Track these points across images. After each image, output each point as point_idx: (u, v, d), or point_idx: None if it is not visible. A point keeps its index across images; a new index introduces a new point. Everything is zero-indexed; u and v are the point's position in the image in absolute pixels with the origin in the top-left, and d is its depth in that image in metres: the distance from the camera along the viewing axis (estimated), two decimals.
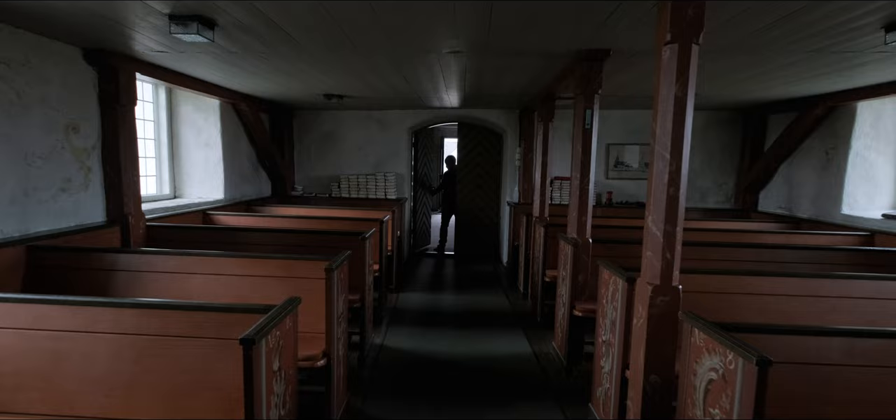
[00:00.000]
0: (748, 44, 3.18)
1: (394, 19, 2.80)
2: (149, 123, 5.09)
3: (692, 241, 3.76)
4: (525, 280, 5.73)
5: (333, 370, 2.65)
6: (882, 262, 3.80)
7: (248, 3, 2.54)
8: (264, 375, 1.70)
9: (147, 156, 5.04)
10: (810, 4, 2.42)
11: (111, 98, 3.69)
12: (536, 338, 4.38)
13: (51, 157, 3.30)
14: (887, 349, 1.77)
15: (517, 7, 2.54)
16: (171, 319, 1.90)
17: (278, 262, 2.89)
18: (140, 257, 3.14)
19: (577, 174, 3.68)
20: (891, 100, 4.94)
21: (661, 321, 2.18)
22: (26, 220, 3.13)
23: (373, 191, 7.12)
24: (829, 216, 5.40)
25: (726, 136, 6.90)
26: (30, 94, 3.12)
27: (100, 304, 1.93)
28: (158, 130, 5.23)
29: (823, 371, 1.77)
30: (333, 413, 2.74)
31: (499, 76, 4.54)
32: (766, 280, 2.73)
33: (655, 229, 2.20)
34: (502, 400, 3.22)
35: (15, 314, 1.95)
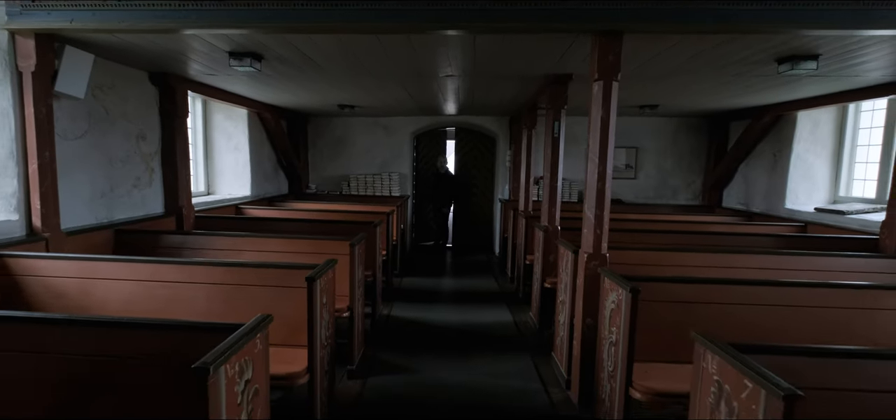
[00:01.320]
0: (683, 68, 4.01)
1: (399, 52, 3.65)
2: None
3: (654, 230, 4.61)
4: (512, 266, 6.57)
5: (355, 321, 3.49)
6: (808, 245, 4.53)
7: (289, 43, 3.39)
8: (318, 306, 2.54)
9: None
10: (710, 47, 3.25)
11: (169, 112, 4.55)
12: (517, 310, 5.22)
13: (127, 160, 4.16)
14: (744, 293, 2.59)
15: (494, 43, 3.37)
16: (247, 274, 2.73)
17: (310, 241, 3.73)
18: (198, 238, 3.98)
19: (547, 174, 4.53)
20: (825, 110, 5.76)
21: (593, 279, 3.01)
22: (111, 210, 3.99)
23: (379, 189, 7.97)
24: (776, 210, 6.22)
25: (694, 140, 7.72)
26: (114, 111, 3.98)
27: (197, 263, 2.78)
28: (195, 136, 6.08)
29: (698, 309, 2.58)
30: (354, 356, 3.58)
31: (487, 92, 5.39)
32: (688, 255, 3.56)
33: (590, 214, 3.03)
34: (486, 352, 4.06)
35: (138, 270, 2.80)
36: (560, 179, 4.52)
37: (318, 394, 2.61)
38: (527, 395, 3.35)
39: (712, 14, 2.70)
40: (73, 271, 2.93)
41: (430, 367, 3.74)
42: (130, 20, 2.89)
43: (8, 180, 3.09)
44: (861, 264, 3.71)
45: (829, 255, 3.77)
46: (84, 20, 2.91)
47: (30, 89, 3.07)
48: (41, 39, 3.05)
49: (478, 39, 3.30)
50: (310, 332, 2.49)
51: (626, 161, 7.84)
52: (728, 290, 2.57)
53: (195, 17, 2.86)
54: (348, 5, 2.77)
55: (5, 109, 3.05)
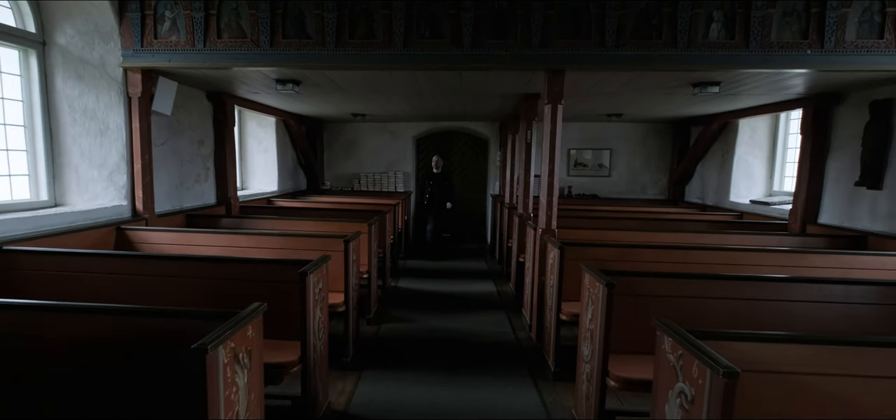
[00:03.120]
0: (622, 90, 5.14)
1: (405, 79, 4.79)
2: None
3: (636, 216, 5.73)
4: (499, 251, 7.70)
5: (372, 283, 4.64)
6: (737, 228, 5.61)
7: (323, 75, 4.54)
8: (351, 262, 3.68)
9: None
10: (635, 77, 4.38)
11: (220, 122, 5.70)
12: (500, 283, 6.37)
13: (191, 160, 5.32)
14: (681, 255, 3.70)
15: (478, 74, 4.51)
16: (300, 241, 3.86)
17: (335, 223, 4.87)
18: (246, 220, 5.12)
19: (522, 171, 5.66)
20: (762, 117, 6.87)
21: (543, 246, 4.14)
22: (181, 199, 5.15)
23: (385, 185, 9.13)
24: (723, 203, 7.33)
25: (661, 143, 8.83)
26: (183, 123, 5.13)
27: (262, 233, 3.93)
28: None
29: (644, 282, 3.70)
30: (371, 309, 4.72)
31: (476, 105, 6.53)
32: (640, 235, 4.65)
33: (544, 200, 4.17)
34: (472, 311, 5.20)
35: (214, 239, 3.95)
36: (533, 176, 5.65)
37: (350, 321, 3.74)
38: (500, 335, 4.50)
39: (624, 58, 3.84)
40: (167, 239, 4.10)
41: (427, 320, 4.88)
42: (212, 60, 4.05)
43: (120, 176, 4.25)
44: (772, 241, 4.80)
45: (748, 234, 4.87)
46: (178, 61, 4.07)
47: (136, 109, 4.22)
48: (145, 74, 4.20)
49: (465, 73, 4.44)
50: (346, 279, 3.64)
51: (600, 161, 8.96)
52: (638, 252, 3.71)
53: (259, 59, 4.02)
54: (370, 51, 3.93)
55: (119, 125, 4.21)
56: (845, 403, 1.60)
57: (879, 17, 3.71)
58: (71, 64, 4.04)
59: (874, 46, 3.73)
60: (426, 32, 3.93)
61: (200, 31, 3.99)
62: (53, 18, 3.97)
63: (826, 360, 1.61)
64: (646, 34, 3.84)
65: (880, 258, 3.80)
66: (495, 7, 3.87)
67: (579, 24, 3.87)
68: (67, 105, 4.08)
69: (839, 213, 5.08)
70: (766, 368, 1.58)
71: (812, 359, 1.61)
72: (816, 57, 3.79)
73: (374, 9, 3.90)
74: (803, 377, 1.59)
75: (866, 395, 1.61)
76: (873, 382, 1.61)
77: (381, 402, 3.20)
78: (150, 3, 4.01)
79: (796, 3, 3.75)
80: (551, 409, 3.13)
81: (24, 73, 3.92)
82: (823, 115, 5.19)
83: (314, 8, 3.91)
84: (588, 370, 2.73)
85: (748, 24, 3.78)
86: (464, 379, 3.55)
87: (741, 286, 2.71)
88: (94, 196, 4.20)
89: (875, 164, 4.62)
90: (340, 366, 3.65)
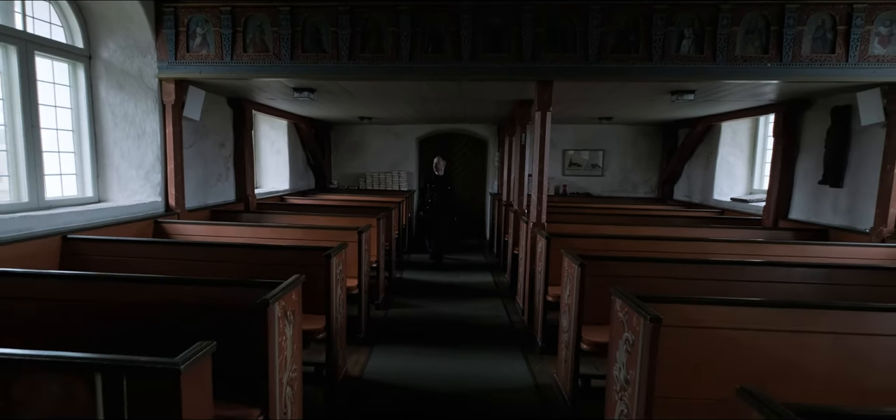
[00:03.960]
0: (609, 97, 5.62)
1: (410, 88, 5.28)
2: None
3: (624, 213, 6.22)
4: (497, 246, 8.19)
5: (380, 272, 5.13)
6: (717, 223, 6.10)
7: (337, 84, 5.03)
8: (364, 250, 4.17)
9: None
10: (618, 85, 4.86)
11: (240, 125, 6.20)
12: (497, 275, 6.86)
13: (214, 161, 5.82)
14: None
15: (475, 84, 5.00)
16: (311, 233, 4.36)
17: (346, 218, 5.37)
18: (265, 215, 5.62)
19: (517, 171, 6.15)
20: (743, 121, 7.34)
21: (535, 239, 4.63)
22: (206, 197, 5.65)
23: (389, 184, 9.62)
24: (708, 201, 7.81)
25: (650, 144, 9.31)
26: (208, 127, 5.63)
27: (281, 226, 4.42)
28: None
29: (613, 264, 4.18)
30: (380, 295, 5.22)
31: (475, 109, 7.02)
32: (624, 229, 5.14)
33: (535, 197, 4.66)
34: (471, 298, 5.68)
35: (244, 231, 4.45)
36: (527, 175, 6.13)
37: (363, 303, 4.24)
38: (495, 318, 4.99)
39: (606, 70, 4.33)
40: (198, 231, 4.59)
41: (430, 306, 5.37)
42: (238, 72, 4.54)
43: (156, 175, 4.75)
44: (744, 234, 5.27)
45: (724, 228, 5.36)
46: (208, 72, 4.56)
47: (170, 116, 4.72)
48: (178, 83, 4.70)
49: (464, 82, 4.93)
50: (359, 266, 4.13)
51: (594, 161, 9.44)
52: (617, 242, 4.19)
53: (279, 70, 4.52)
54: (380, 64, 4.42)
55: (154, 129, 4.70)
56: (752, 350, 2.08)
57: (831, 34, 4.19)
58: (113, 75, 4.55)
59: (826, 60, 4.21)
60: (430, 47, 4.42)
61: (228, 46, 4.49)
62: (98, 35, 4.48)
63: (738, 317, 2.10)
64: (624, 49, 4.33)
65: (831, 248, 4.28)
66: (491, 25, 4.36)
67: (566, 40, 4.36)
68: (110, 112, 4.58)
69: (806, 209, 5.57)
70: (688, 324, 2.07)
71: (726, 317, 2.10)
72: (776, 69, 4.27)
73: (384, 26, 4.39)
74: (719, 331, 2.08)
75: (771, 344, 2.10)
76: (777, 335, 2.10)
77: (391, 371, 3.69)
78: (183, 21, 4.51)
79: (758, 22, 4.23)
80: (537, 375, 3.62)
81: (73, 83, 4.42)
82: (793, 120, 5.67)
83: (330, 25, 4.41)
84: (566, 338, 3.22)
85: (715, 40, 4.26)
86: (463, 353, 4.05)
87: (696, 268, 3.20)
88: (133, 193, 4.70)
89: (836, 165, 5.10)
90: (355, 341, 4.14)
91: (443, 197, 7.41)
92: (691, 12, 4.25)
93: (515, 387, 3.47)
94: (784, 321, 2.05)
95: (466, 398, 3.28)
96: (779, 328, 2.08)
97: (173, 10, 4.47)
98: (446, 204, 7.42)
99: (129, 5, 4.30)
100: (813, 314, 2.07)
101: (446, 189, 7.46)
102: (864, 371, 2.06)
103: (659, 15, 4.24)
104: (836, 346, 2.07)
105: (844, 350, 2.07)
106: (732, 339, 2.06)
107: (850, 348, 2.07)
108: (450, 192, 7.51)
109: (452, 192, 7.60)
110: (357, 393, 3.33)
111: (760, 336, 2.06)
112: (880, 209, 4.42)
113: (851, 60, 4.19)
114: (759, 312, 2.08)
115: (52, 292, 2.37)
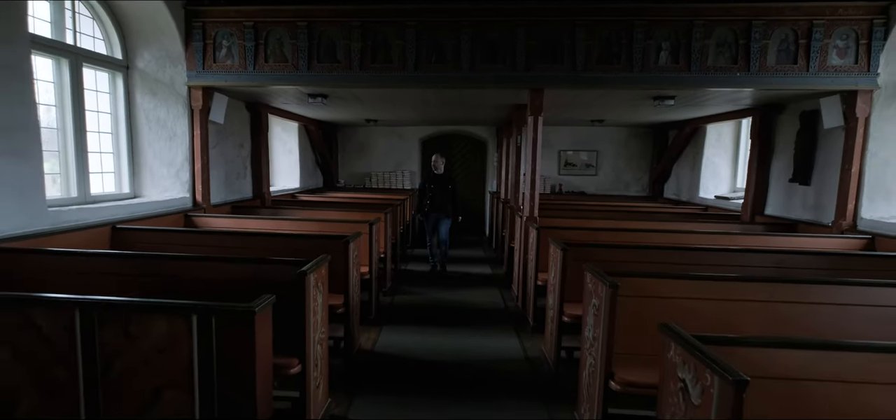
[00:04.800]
0: (598, 102, 6.11)
1: (414, 94, 5.77)
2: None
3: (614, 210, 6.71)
4: (495, 241, 8.68)
5: (387, 260, 5.62)
6: (699, 218, 6.57)
7: (348, 91, 5.52)
8: (375, 241, 4.65)
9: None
10: (606, 92, 5.34)
11: (257, 128, 6.70)
12: (496, 267, 7.36)
13: (234, 161, 6.32)
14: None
15: (473, 91, 5.49)
16: (326, 225, 4.85)
17: (355, 212, 5.85)
18: (281, 209, 6.11)
19: (513, 169, 6.64)
20: (727, 123, 7.81)
21: (527, 230, 5.11)
22: (227, 194, 6.15)
23: (394, 183, 10.12)
24: (694, 199, 8.28)
25: (642, 145, 9.79)
26: (228, 129, 6.13)
27: (297, 220, 4.91)
28: None
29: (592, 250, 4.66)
30: (387, 284, 5.71)
31: (474, 113, 7.52)
32: (609, 221, 5.62)
33: (527, 193, 5.14)
34: (472, 288, 6.17)
35: (265, 224, 4.94)
36: (521, 173, 6.61)
37: (373, 289, 4.73)
38: (492, 303, 5.48)
39: (591, 80, 4.81)
40: (225, 224, 5.08)
41: (433, 293, 5.87)
42: (259, 80, 5.04)
43: (185, 174, 5.24)
44: (725, 227, 5.75)
45: (705, 222, 5.84)
46: (233, 80, 5.06)
47: (197, 120, 5.22)
48: (205, 91, 5.19)
49: (464, 90, 5.42)
50: (370, 255, 4.62)
51: (588, 161, 9.92)
52: (601, 234, 4.67)
53: (297, 79, 5.01)
54: (388, 73, 4.91)
55: (183, 132, 5.20)
56: (691, 314, 2.56)
57: (794, 47, 4.67)
58: (147, 83, 5.04)
59: (790, 70, 4.69)
60: (433, 58, 4.91)
61: (251, 57, 4.98)
62: (135, 47, 4.98)
63: (681, 288, 2.58)
64: (608, 60, 4.81)
65: (793, 238, 4.75)
66: (488, 38, 4.85)
67: (555, 52, 4.84)
68: (144, 116, 5.08)
69: (780, 205, 6.04)
70: (642, 294, 2.56)
71: (673, 288, 2.58)
72: (744, 78, 4.75)
73: (391, 40, 4.88)
74: (667, 299, 2.56)
75: (707, 309, 2.58)
76: (712, 302, 2.58)
77: (399, 346, 4.18)
78: (211, 34, 5.00)
79: (727, 36, 4.71)
80: (527, 349, 4.11)
81: (112, 91, 4.93)
82: (768, 123, 6.15)
83: (343, 39, 4.90)
84: (551, 314, 3.70)
85: (690, 52, 4.74)
86: (463, 332, 4.53)
87: (665, 254, 3.68)
88: (165, 189, 5.20)
89: (804, 164, 5.57)
90: (366, 321, 4.63)
91: (443, 198, 6.73)
92: (668, 27, 4.73)
93: (509, 358, 3.96)
94: (717, 291, 2.54)
95: (467, 366, 3.77)
96: (713, 297, 2.57)
97: (202, 24, 4.97)
98: (447, 206, 6.76)
99: (162, 20, 4.80)
100: (742, 286, 2.57)
101: (447, 188, 6.76)
102: (786, 331, 2.54)
103: (639, 30, 4.72)
104: (764, 312, 2.56)
105: (770, 315, 2.55)
106: (677, 305, 2.54)
107: (775, 313, 2.55)
108: (451, 192, 6.79)
109: (454, 191, 6.83)
110: (371, 362, 3.82)
111: (699, 303, 2.55)
112: (840, 204, 4.89)
113: (812, 70, 4.67)
114: (696, 284, 2.58)
115: (119, 268, 2.87)
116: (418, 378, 3.58)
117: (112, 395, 1.86)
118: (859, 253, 4.34)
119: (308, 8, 4.86)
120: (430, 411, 3.09)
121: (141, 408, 1.85)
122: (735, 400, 1.40)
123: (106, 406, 1.87)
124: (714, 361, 1.49)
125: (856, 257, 4.02)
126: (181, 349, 1.81)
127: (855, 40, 4.59)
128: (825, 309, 2.54)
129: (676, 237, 4.76)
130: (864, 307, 2.55)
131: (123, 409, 1.86)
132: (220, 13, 4.95)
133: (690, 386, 1.61)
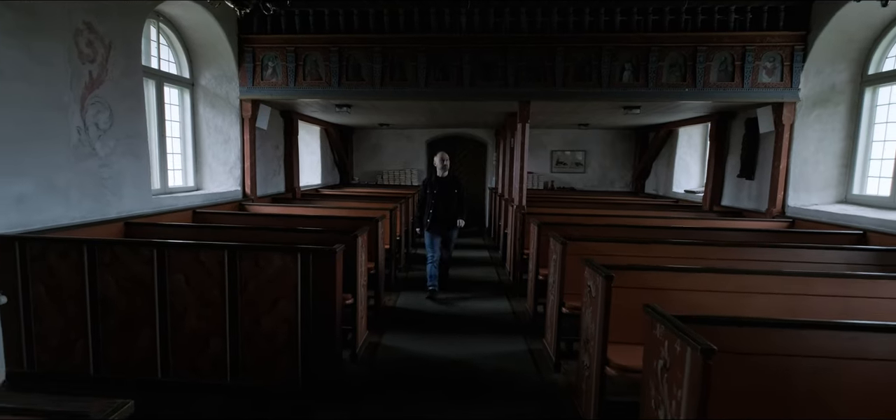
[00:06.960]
0: (580, 109, 7.25)
1: (422, 104, 6.93)
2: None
3: (595, 201, 7.84)
4: (493, 231, 9.82)
5: (401, 243, 6.77)
6: (670, 209, 7.70)
7: (369, 102, 6.68)
8: (394, 223, 5.79)
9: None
10: (583, 103, 6.48)
11: (289, 132, 7.87)
12: (493, 253, 8.52)
13: (271, 160, 7.49)
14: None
15: (472, 103, 6.64)
16: (352, 211, 5.99)
17: (373, 203, 7.00)
18: (312, 200, 7.27)
19: (508, 167, 7.79)
20: (696, 126, 8.92)
21: (517, 220, 6.24)
22: (266, 187, 7.32)
23: (403, 180, 11.28)
24: (669, 193, 9.40)
25: (626, 145, 10.90)
26: (267, 133, 7.30)
27: (327, 207, 6.07)
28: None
29: (566, 229, 5.79)
30: (401, 264, 6.86)
31: (475, 118, 8.67)
32: (600, 216, 6.75)
33: (517, 186, 6.28)
34: (472, 267, 7.32)
35: (303, 210, 6.10)
36: (514, 170, 7.74)
37: (392, 262, 5.88)
38: (488, 277, 6.64)
39: (568, 94, 5.95)
40: (271, 209, 6.24)
41: None
42: (298, 94, 6.20)
43: (236, 170, 6.41)
44: (690, 215, 6.87)
45: (671, 210, 6.97)
46: (277, 95, 6.23)
47: (247, 127, 6.38)
48: (253, 103, 6.36)
49: (465, 101, 6.57)
50: (390, 235, 5.77)
51: (577, 160, 11.04)
52: (579, 217, 5.80)
53: (329, 94, 6.17)
54: (403, 88, 6.06)
55: (236, 137, 6.37)
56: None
57: (731, 68, 5.79)
58: (208, 97, 6.22)
59: (728, 86, 5.81)
60: (439, 76, 6.05)
61: (292, 75, 6.14)
62: (199, 68, 6.15)
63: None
64: (582, 78, 5.94)
65: (737, 221, 5.87)
66: (484, 61, 5.99)
67: (539, 72, 5.97)
68: (205, 124, 6.26)
69: (732, 197, 7.16)
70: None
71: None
72: (691, 93, 5.87)
73: (406, 62, 6.03)
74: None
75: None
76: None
77: (414, 305, 5.34)
78: (259, 57, 6.17)
79: (678, 58, 5.84)
80: (514, 307, 5.26)
81: (181, 104, 6.10)
82: (723, 128, 7.27)
83: (366, 61, 6.05)
84: (531, 277, 4.85)
85: (647, 71, 5.86)
86: (465, 296, 5.68)
87: (633, 231, 4.81)
88: (221, 183, 6.37)
89: (749, 162, 6.69)
90: (388, 287, 5.78)
91: (448, 206, 5.64)
92: (630, 52, 5.86)
93: (499, 311, 5.13)
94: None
95: (468, 316, 4.93)
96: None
97: (252, 49, 6.14)
98: (454, 216, 5.72)
99: (221, 47, 5.97)
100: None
101: (453, 194, 5.67)
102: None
103: (606, 54, 5.85)
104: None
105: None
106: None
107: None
108: (457, 197, 5.70)
109: (460, 197, 5.75)
110: (394, 316, 4.98)
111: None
112: (772, 195, 6.01)
113: (746, 86, 5.79)
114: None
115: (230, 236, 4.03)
116: (430, 325, 4.73)
117: (246, 304, 3.01)
118: (784, 230, 5.46)
119: (339, 36, 6.01)
120: (438, 344, 4.24)
121: (265, 311, 3.00)
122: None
123: (242, 313, 3.02)
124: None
125: (782, 233, 5.14)
126: (290, 275, 2.96)
127: (780, 62, 5.71)
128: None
129: (636, 220, 5.89)
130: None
131: (253, 312, 3.01)
132: (267, 40, 6.11)
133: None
